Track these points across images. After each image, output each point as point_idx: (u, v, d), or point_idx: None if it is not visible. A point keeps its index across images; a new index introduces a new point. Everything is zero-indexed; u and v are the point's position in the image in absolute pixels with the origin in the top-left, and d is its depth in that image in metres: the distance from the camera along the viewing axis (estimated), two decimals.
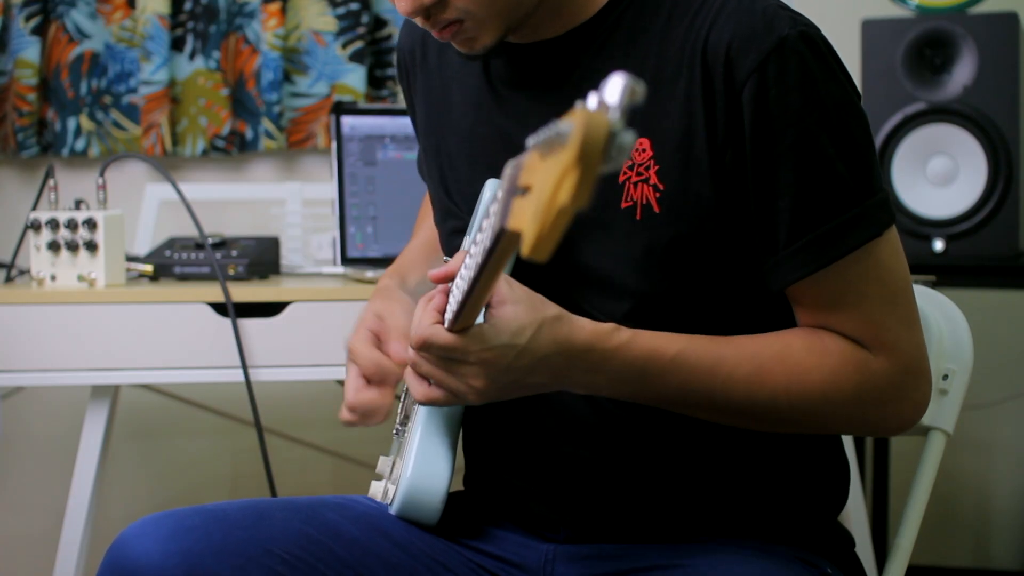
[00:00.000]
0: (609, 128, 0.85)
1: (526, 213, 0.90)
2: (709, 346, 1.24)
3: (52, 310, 2.03)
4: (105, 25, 2.84)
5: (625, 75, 0.86)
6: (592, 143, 0.84)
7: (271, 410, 2.63)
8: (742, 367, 1.24)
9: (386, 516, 1.37)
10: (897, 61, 2.47)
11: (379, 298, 1.46)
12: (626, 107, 0.86)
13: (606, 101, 0.86)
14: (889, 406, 1.28)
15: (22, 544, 2.90)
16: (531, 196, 0.90)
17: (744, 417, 1.27)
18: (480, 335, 1.17)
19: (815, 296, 1.27)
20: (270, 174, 2.92)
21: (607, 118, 0.85)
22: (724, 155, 1.25)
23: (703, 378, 1.24)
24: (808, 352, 1.26)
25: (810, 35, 1.24)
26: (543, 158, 0.90)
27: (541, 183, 0.88)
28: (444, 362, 1.19)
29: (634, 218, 1.27)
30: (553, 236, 0.87)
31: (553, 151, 0.88)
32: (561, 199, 0.85)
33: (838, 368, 1.26)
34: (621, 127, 0.85)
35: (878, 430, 1.34)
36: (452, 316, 1.16)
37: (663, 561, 1.30)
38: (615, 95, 0.86)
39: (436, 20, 1.28)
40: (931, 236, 2.46)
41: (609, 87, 0.86)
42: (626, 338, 1.21)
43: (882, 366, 1.26)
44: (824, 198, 1.24)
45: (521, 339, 1.17)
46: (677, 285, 1.28)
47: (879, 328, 1.26)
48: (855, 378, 1.26)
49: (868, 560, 2.18)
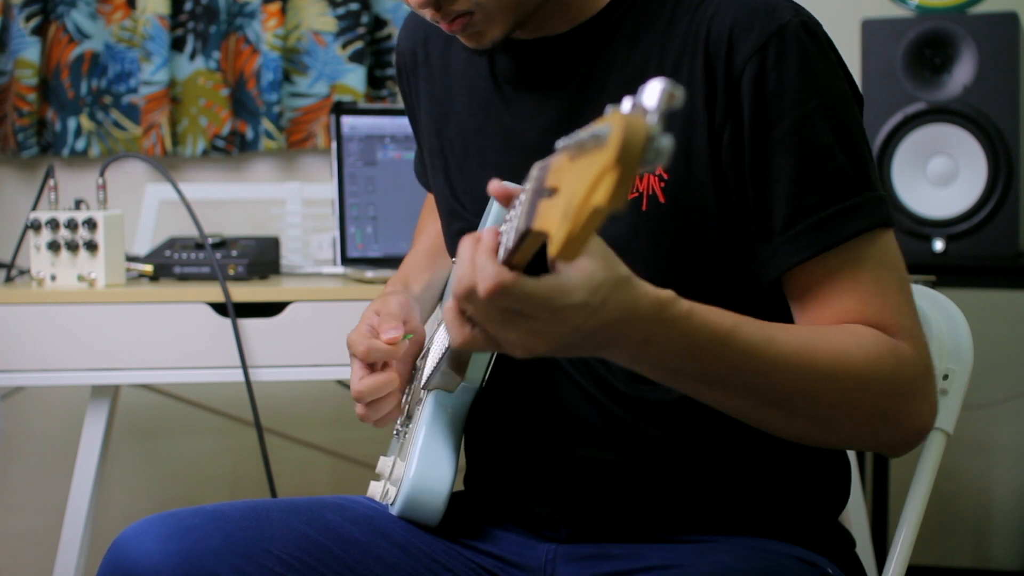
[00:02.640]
0: (648, 131, 0.85)
1: (554, 214, 0.90)
2: (760, 325, 1.17)
3: (52, 310, 2.03)
4: (105, 25, 2.84)
5: (664, 80, 0.86)
6: (632, 145, 0.84)
7: (271, 410, 2.64)
8: (790, 345, 1.17)
9: (386, 516, 1.37)
10: (897, 61, 2.47)
11: (381, 299, 1.48)
12: (664, 111, 0.86)
13: (644, 105, 0.86)
14: (915, 402, 1.23)
15: (22, 544, 2.90)
16: (559, 197, 0.90)
17: (780, 405, 1.20)
18: (561, 288, 1.03)
19: (827, 279, 1.23)
20: (270, 174, 2.92)
21: (646, 121, 0.85)
22: (723, 141, 1.25)
23: (754, 355, 1.16)
24: (846, 334, 1.21)
25: (811, 26, 1.25)
26: (573, 160, 0.90)
27: (572, 184, 0.89)
28: (511, 314, 1.04)
29: (640, 209, 1.27)
30: (584, 237, 0.87)
31: (586, 153, 0.88)
32: (596, 200, 0.85)
33: (876, 351, 1.20)
34: (659, 131, 0.85)
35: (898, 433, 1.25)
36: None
37: (664, 561, 1.30)
38: (654, 99, 0.86)
39: (447, 12, 1.28)
40: (931, 236, 2.46)
41: (648, 91, 0.86)
42: (686, 308, 1.12)
43: (910, 354, 1.22)
44: (824, 184, 1.23)
45: (596, 298, 1.04)
46: (683, 275, 1.27)
47: (898, 313, 1.23)
48: (891, 361, 1.21)
49: (868, 560, 2.18)
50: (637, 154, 0.84)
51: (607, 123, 0.87)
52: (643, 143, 0.85)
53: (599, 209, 0.85)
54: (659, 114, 0.86)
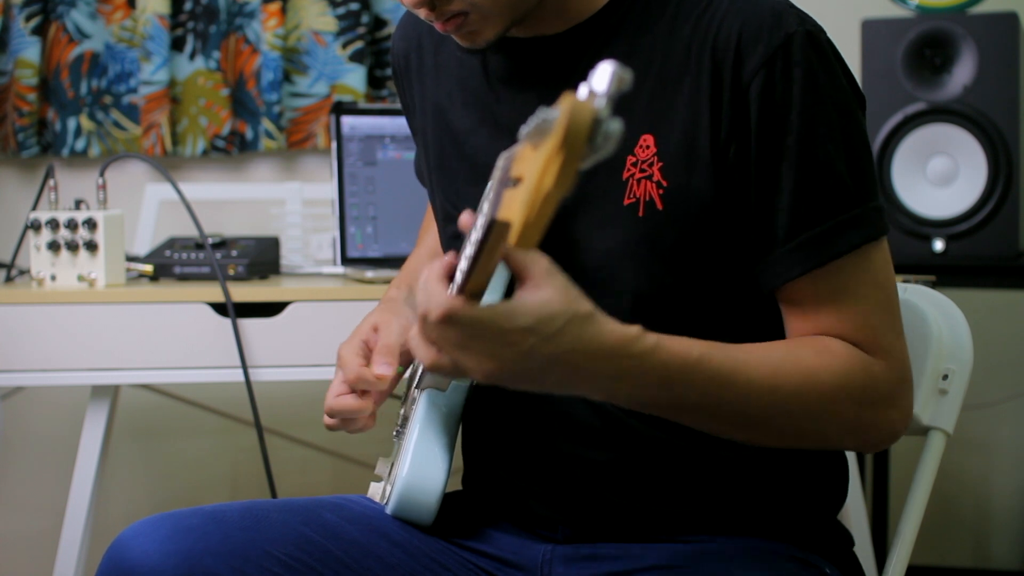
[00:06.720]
0: (594, 115, 0.84)
1: (515, 203, 0.90)
2: (728, 351, 1.21)
3: (52, 310, 2.03)
4: (105, 25, 2.84)
5: (613, 63, 0.86)
6: (576, 129, 0.84)
7: (271, 410, 2.63)
8: (759, 370, 1.21)
9: (385, 517, 1.37)
10: (897, 61, 2.47)
11: (380, 310, 1.47)
12: (613, 94, 0.86)
13: (594, 88, 0.86)
14: (886, 411, 1.27)
15: (22, 544, 2.90)
16: (521, 186, 0.90)
17: (755, 426, 1.24)
18: (507, 311, 1.07)
19: (814, 297, 1.26)
20: (270, 174, 2.92)
21: (593, 105, 0.85)
22: (728, 151, 1.25)
23: (723, 383, 1.19)
24: (816, 354, 1.25)
25: (816, 36, 1.25)
26: (535, 148, 0.90)
27: (530, 172, 0.89)
28: (463, 337, 1.08)
29: (636, 215, 1.27)
30: (539, 224, 0.87)
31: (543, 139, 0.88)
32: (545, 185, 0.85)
33: (846, 369, 1.24)
34: (608, 114, 0.85)
35: (870, 438, 1.30)
36: None
37: (661, 561, 1.30)
38: (603, 83, 0.86)
39: (441, 12, 1.27)
40: (931, 236, 2.46)
41: (597, 75, 0.86)
42: (652, 343, 1.15)
43: (882, 369, 1.26)
44: (824, 197, 1.24)
45: (548, 328, 1.07)
46: (679, 283, 1.28)
47: (875, 331, 1.26)
48: (862, 378, 1.25)
49: (868, 560, 2.18)
50: (582, 137, 0.84)
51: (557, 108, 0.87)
52: (588, 126, 0.84)
53: (549, 194, 0.85)
54: (607, 98, 0.85)
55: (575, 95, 0.86)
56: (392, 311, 1.45)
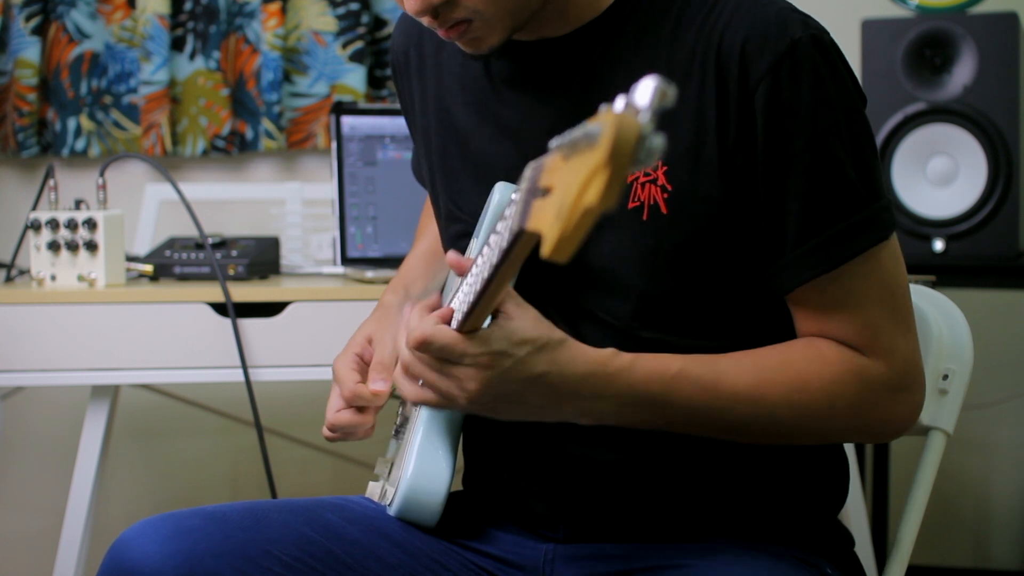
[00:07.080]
0: (640, 130, 0.85)
1: (547, 214, 0.90)
2: (708, 362, 1.24)
3: (52, 310, 2.03)
4: (105, 25, 2.84)
5: (656, 78, 0.86)
6: (623, 144, 0.84)
7: (271, 410, 2.63)
8: (743, 379, 1.24)
9: (385, 517, 1.37)
10: (897, 61, 2.47)
11: (375, 319, 1.47)
12: (656, 110, 0.86)
13: (636, 103, 0.86)
14: (886, 411, 1.28)
15: (22, 544, 2.90)
16: (553, 197, 0.90)
17: (748, 432, 1.27)
18: (479, 337, 1.16)
19: (818, 299, 1.27)
20: (270, 174, 2.92)
21: (637, 120, 0.85)
22: (735, 157, 1.25)
23: (706, 394, 1.23)
24: (807, 362, 1.26)
25: (821, 39, 1.25)
26: (566, 159, 0.90)
27: (565, 184, 0.88)
28: (438, 363, 1.18)
29: (641, 219, 1.27)
30: (576, 237, 0.87)
31: (578, 152, 0.88)
32: (588, 199, 0.85)
33: (838, 376, 1.26)
34: (651, 130, 0.85)
35: (874, 436, 1.35)
36: (461, 317, 1.16)
37: (662, 561, 1.30)
38: (646, 97, 0.86)
39: (444, 19, 1.27)
40: (931, 236, 2.46)
41: (640, 89, 0.86)
42: (627, 362, 1.21)
43: (880, 371, 1.27)
44: (833, 201, 1.25)
45: (520, 351, 1.16)
46: (683, 286, 1.28)
47: (877, 332, 1.26)
48: (855, 385, 1.26)
49: (868, 560, 2.18)
50: (628, 153, 0.84)
51: (599, 122, 0.86)
52: (634, 142, 0.84)
53: (590, 209, 0.85)
54: (651, 112, 0.85)
55: (614, 109, 0.86)
56: (386, 320, 1.46)
